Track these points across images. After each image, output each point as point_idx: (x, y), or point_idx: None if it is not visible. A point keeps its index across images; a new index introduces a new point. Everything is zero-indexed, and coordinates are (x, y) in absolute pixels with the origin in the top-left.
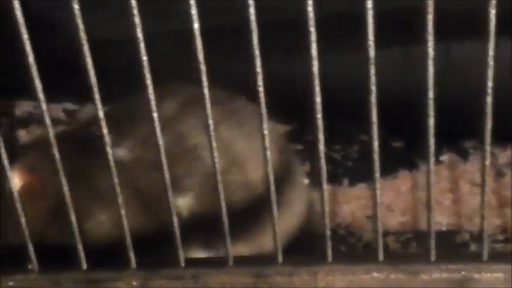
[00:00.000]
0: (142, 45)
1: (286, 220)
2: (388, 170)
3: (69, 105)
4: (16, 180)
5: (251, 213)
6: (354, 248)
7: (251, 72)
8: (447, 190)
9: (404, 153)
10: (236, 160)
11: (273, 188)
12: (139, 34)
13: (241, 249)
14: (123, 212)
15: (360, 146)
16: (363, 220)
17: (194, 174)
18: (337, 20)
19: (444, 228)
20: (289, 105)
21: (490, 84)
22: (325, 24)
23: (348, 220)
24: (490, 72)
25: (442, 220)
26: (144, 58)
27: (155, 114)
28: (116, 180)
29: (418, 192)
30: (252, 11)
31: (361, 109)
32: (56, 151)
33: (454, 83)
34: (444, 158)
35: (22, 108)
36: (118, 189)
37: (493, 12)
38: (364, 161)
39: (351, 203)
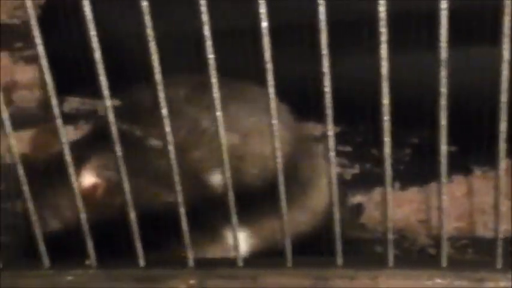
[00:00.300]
0: (209, 43)
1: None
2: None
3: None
4: (88, 179)
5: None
6: (408, 252)
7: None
8: (505, 196)
9: (458, 158)
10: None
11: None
12: (207, 32)
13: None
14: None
15: (411, 149)
16: (416, 224)
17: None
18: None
19: (502, 235)
20: (338, 107)
21: None
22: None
23: (401, 224)
24: None
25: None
26: (211, 56)
27: (219, 113)
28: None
29: (473, 197)
30: (322, 9)
31: (413, 111)
32: (119, 149)
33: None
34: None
35: (70, 104)
36: (177, 178)
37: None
38: (416, 165)
39: (403, 207)
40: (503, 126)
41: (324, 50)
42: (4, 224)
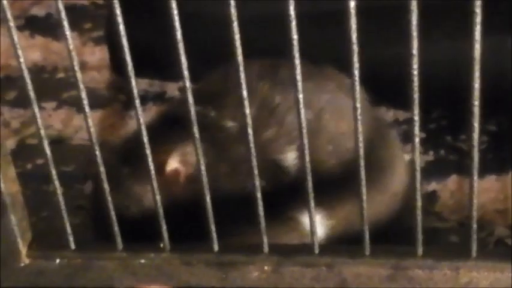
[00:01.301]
0: (294, 23)
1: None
2: None
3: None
4: (172, 166)
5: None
6: (486, 243)
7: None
8: None
9: None
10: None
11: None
12: (292, 12)
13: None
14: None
15: (488, 137)
16: (493, 214)
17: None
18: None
19: None
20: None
21: None
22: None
23: (478, 213)
24: None
25: None
26: (295, 37)
27: (300, 95)
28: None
29: None
30: None
31: (492, 98)
32: (197, 131)
33: None
34: None
35: (138, 86)
36: (255, 160)
37: None
38: (493, 152)
39: (480, 196)
40: None
41: (414, 32)
42: (74, 205)
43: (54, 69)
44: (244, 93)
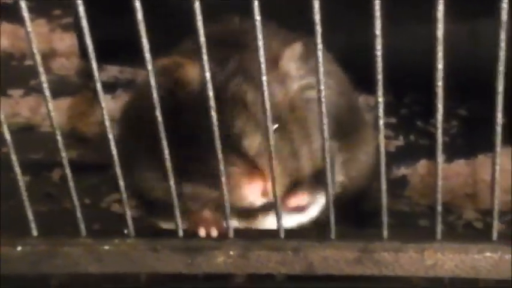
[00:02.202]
0: None
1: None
2: (490, 146)
3: None
4: None
5: None
6: (454, 226)
7: None
8: None
9: (508, 131)
10: None
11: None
12: None
13: None
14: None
15: (458, 122)
16: (462, 198)
17: None
18: None
19: None
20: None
21: None
22: None
23: (447, 197)
24: None
25: None
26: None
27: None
28: None
29: None
30: None
31: (461, 82)
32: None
33: None
34: None
35: (108, 73)
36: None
37: None
38: (463, 137)
39: (449, 180)
40: None
41: (377, 12)
42: (42, 193)
43: (22, 56)
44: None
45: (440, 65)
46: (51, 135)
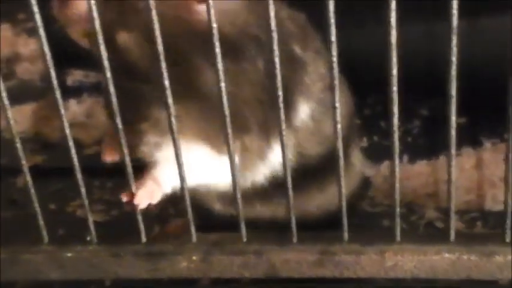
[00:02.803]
0: None
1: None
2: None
3: None
4: None
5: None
6: (416, 226)
7: None
8: None
9: (468, 130)
10: None
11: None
12: None
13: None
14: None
15: (420, 121)
16: (424, 198)
17: None
18: None
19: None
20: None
21: None
22: None
23: (409, 197)
24: None
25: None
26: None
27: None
28: None
29: (483, 170)
30: None
31: (423, 82)
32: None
33: None
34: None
35: (73, 77)
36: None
37: None
38: (425, 137)
39: (411, 180)
40: None
41: (331, 19)
42: (6, 199)
43: None
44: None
45: (394, 71)
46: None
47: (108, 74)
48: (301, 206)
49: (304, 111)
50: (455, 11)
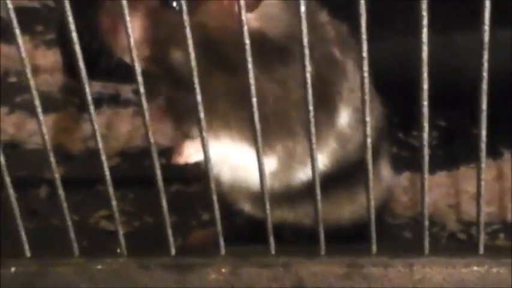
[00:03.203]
0: None
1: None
2: (472, 158)
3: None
4: None
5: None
6: (438, 238)
7: None
8: None
9: (487, 141)
10: None
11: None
12: None
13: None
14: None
15: (438, 132)
16: (445, 209)
17: None
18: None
19: None
20: None
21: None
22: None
23: (430, 209)
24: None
25: None
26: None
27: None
28: None
29: (504, 181)
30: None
31: (441, 94)
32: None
33: None
34: None
35: (92, 89)
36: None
37: None
38: (444, 148)
39: (431, 192)
40: None
41: (364, 35)
42: (29, 210)
43: (5, 73)
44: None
45: (425, 86)
46: (36, 152)
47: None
48: (330, 214)
49: (344, 116)
50: (486, 27)
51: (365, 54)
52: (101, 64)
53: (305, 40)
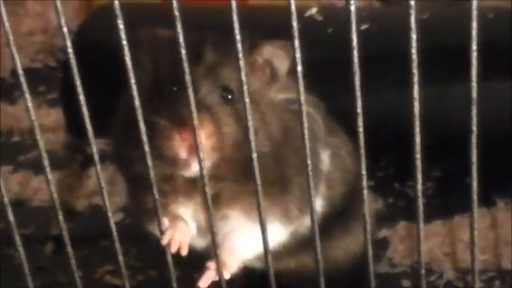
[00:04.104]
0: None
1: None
2: (466, 207)
3: None
4: None
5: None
6: (436, 286)
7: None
8: None
9: (481, 190)
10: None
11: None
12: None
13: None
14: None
15: (434, 183)
16: (441, 257)
17: None
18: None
19: None
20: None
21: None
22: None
23: (427, 258)
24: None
25: None
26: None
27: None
28: None
29: (498, 229)
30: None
31: (435, 145)
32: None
33: None
34: None
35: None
36: None
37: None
38: (439, 198)
39: (428, 240)
40: None
41: (358, 92)
42: (35, 267)
43: (9, 132)
44: None
45: (418, 139)
46: (41, 210)
47: None
48: (330, 252)
49: (324, 158)
50: (474, 84)
51: (359, 110)
52: (103, 121)
53: (302, 99)
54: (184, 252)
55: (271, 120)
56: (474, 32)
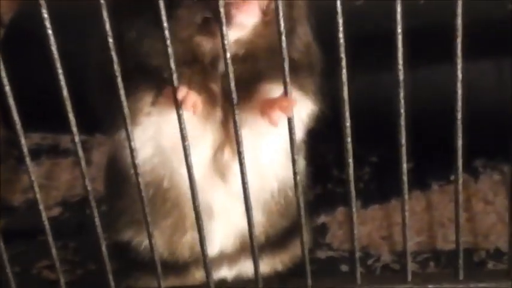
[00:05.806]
0: None
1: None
2: (401, 190)
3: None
4: None
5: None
6: (373, 269)
7: None
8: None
9: (416, 174)
10: None
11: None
12: None
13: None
14: None
15: (370, 168)
16: (379, 241)
17: None
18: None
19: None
20: None
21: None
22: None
23: (365, 241)
24: None
25: (458, 239)
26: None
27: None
28: None
29: (432, 211)
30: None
31: (372, 130)
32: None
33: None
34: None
35: (30, 140)
36: None
37: None
38: (376, 183)
39: (366, 225)
40: (459, 142)
41: (347, 124)
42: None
43: None
44: None
45: (348, 123)
46: None
47: None
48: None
49: None
50: (400, 67)
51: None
52: (38, 115)
53: None
54: (198, 111)
55: None
56: (399, 16)
